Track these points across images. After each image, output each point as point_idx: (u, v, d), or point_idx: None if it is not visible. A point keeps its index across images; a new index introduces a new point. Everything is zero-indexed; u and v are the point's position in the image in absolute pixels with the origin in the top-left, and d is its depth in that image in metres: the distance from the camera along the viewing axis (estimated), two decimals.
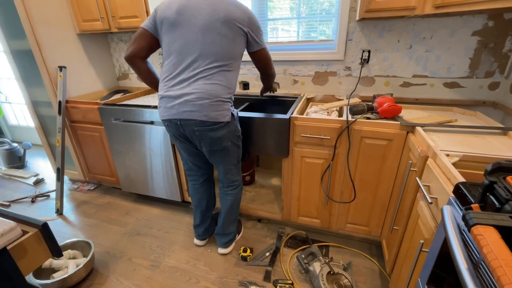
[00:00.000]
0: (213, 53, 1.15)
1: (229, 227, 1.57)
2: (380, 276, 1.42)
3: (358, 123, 1.31)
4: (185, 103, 1.15)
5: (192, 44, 1.14)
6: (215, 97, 1.16)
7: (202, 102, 1.15)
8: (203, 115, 1.16)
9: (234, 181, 1.48)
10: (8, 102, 3.41)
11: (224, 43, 1.15)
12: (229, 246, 1.60)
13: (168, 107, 1.19)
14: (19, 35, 1.87)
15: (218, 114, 1.18)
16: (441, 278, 0.74)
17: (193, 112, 1.16)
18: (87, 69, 2.22)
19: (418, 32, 1.55)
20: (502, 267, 0.40)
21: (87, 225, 1.89)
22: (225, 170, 1.42)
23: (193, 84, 1.15)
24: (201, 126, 1.19)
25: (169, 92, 1.18)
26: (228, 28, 1.14)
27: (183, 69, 1.17)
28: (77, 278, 1.39)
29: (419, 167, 1.02)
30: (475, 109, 1.54)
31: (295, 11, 1.84)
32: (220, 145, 1.28)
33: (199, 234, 1.64)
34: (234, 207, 1.53)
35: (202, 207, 1.58)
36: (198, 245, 1.67)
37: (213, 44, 1.14)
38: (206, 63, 1.15)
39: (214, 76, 1.16)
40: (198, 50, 1.14)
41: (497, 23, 1.42)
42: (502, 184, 0.55)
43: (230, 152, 1.35)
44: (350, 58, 1.75)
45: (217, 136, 1.23)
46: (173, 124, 1.23)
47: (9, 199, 2.21)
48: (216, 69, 1.16)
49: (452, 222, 0.61)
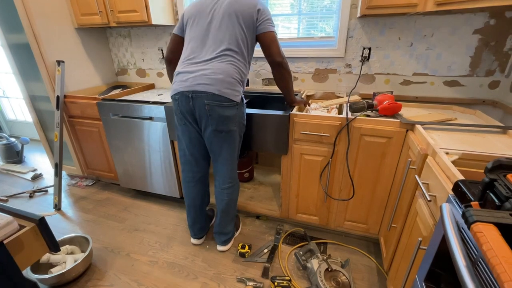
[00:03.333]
0: (231, 38, 1.24)
1: (227, 226, 1.56)
2: (377, 273, 1.43)
3: (358, 121, 1.31)
4: (200, 76, 1.22)
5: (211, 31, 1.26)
6: (229, 75, 1.22)
7: (217, 77, 1.20)
8: (216, 88, 1.20)
9: (231, 178, 1.45)
10: (6, 97, 3.39)
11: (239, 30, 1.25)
12: (228, 244, 1.60)
13: (183, 80, 1.25)
14: (17, 29, 1.85)
15: (230, 92, 1.23)
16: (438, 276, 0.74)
17: (207, 85, 1.20)
18: (86, 63, 2.20)
19: (419, 29, 1.55)
20: (502, 264, 0.40)
21: (85, 221, 1.89)
22: (223, 161, 1.39)
23: (209, 63, 1.24)
24: (212, 100, 1.22)
25: (187, 68, 1.26)
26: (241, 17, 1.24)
27: (201, 51, 1.27)
28: (75, 273, 1.39)
29: (418, 165, 1.02)
30: (475, 108, 1.54)
31: (295, 8, 1.82)
32: (226, 126, 1.28)
33: (195, 233, 1.62)
34: (231, 207, 1.52)
35: (196, 206, 1.55)
36: (196, 244, 1.65)
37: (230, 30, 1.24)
38: (228, 46, 1.24)
39: (230, 58, 1.24)
40: (217, 33, 1.25)
41: (498, 22, 1.41)
42: (502, 182, 0.55)
43: (233, 140, 1.34)
44: (350, 56, 1.74)
45: (225, 115, 1.25)
46: (184, 97, 1.25)
47: (7, 194, 2.20)
48: (234, 52, 1.25)
49: (451, 220, 0.61)
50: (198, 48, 1.27)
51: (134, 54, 2.33)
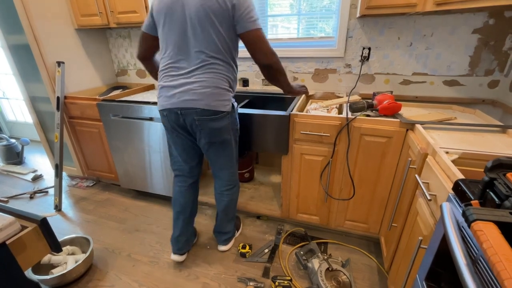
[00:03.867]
0: (209, 44, 1.12)
1: (227, 226, 1.56)
2: (378, 272, 1.43)
3: (358, 121, 1.31)
4: (186, 92, 1.15)
5: (188, 36, 1.14)
6: (217, 87, 1.16)
7: (204, 91, 1.14)
8: (204, 103, 1.15)
9: (231, 180, 1.44)
10: (6, 98, 3.39)
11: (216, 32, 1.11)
12: (228, 243, 1.60)
13: (169, 96, 1.18)
14: (17, 30, 1.86)
15: (219, 103, 1.17)
16: (439, 275, 0.74)
17: (195, 100, 1.15)
18: (86, 64, 2.20)
19: (418, 29, 1.55)
20: (502, 262, 0.41)
21: (86, 221, 1.89)
22: (221, 165, 1.38)
23: (194, 73, 1.15)
24: (201, 115, 1.17)
25: (171, 82, 1.18)
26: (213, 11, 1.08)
27: (181, 61, 1.17)
28: (76, 274, 1.39)
29: (418, 164, 1.02)
30: (475, 107, 1.54)
31: (295, 8, 1.83)
32: (220, 137, 1.25)
33: (179, 248, 1.47)
34: (231, 208, 1.51)
35: (186, 214, 1.45)
36: (178, 261, 1.50)
37: (207, 35, 1.11)
38: (205, 55, 1.13)
39: (214, 66, 1.15)
40: (194, 41, 1.13)
41: (497, 21, 1.41)
42: (502, 181, 0.55)
43: (229, 146, 1.32)
44: (350, 56, 1.75)
45: (218, 127, 1.21)
46: (173, 113, 1.20)
47: (7, 195, 2.20)
48: (216, 59, 1.15)
49: (451, 219, 0.62)
50: (177, 56, 1.17)
51: (134, 55, 2.34)
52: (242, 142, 1.56)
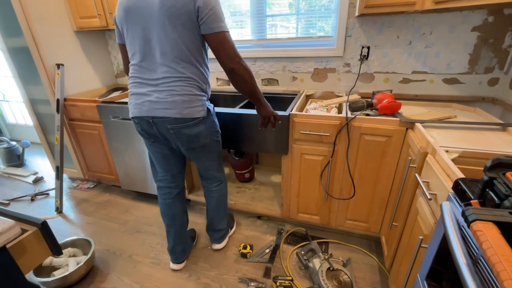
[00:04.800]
0: (175, 46, 1.07)
1: (219, 223, 1.56)
2: (379, 271, 1.43)
3: (358, 120, 1.31)
4: (157, 101, 1.11)
5: (151, 39, 1.08)
6: (187, 94, 1.11)
7: (173, 99, 1.10)
8: (176, 112, 1.10)
9: (217, 177, 1.45)
10: (6, 100, 3.39)
11: (179, 34, 1.05)
12: (222, 241, 1.60)
13: (139, 104, 1.14)
14: (16, 33, 1.86)
15: (191, 110, 1.12)
16: (440, 274, 0.74)
17: (166, 109, 1.10)
18: (85, 66, 2.20)
19: (417, 28, 1.55)
20: (501, 262, 0.41)
21: (87, 223, 1.89)
22: (206, 167, 1.38)
23: (162, 81, 1.10)
24: (175, 124, 1.13)
25: (139, 89, 1.14)
26: (177, 14, 1.02)
27: (149, 67, 1.12)
28: (78, 276, 1.40)
29: (418, 163, 1.02)
30: (475, 105, 1.54)
31: (294, 7, 1.83)
32: (198, 142, 1.22)
33: (177, 257, 1.47)
34: (221, 204, 1.52)
35: (176, 225, 1.43)
36: (176, 269, 1.49)
37: (170, 39, 1.06)
38: (171, 60, 1.08)
39: (181, 72, 1.10)
40: (159, 45, 1.08)
41: (496, 19, 1.41)
42: (502, 180, 0.55)
43: (210, 149, 1.31)
44: (349, 55, 1.74)
45: (194, 133, 1.18)
46: (145, 122, 1.16)
47: (9, 198, 2.21)
48: (184, 64, 1.09)
49: (452, 218, 0.62)
50: (143, 63, 1.12)
51: None
52: (243, 142, 1.56)
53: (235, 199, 1.91)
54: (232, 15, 1.98)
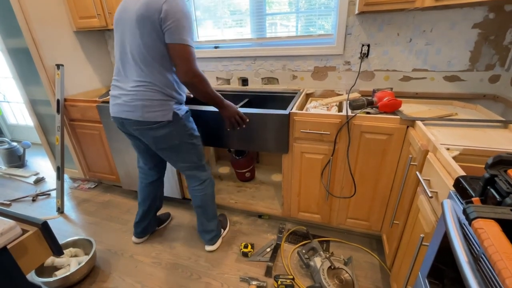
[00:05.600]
0: (143, 53, 1.12)
1: (208, 224, 1.55)
2: (380, 270, 1.43)
3: (358, 118, 1.31)
4: (123, 103, 1.20)
5: (123, 45, 1.18)
6: (149, 99, 1.17)
7: (135, 104, 1.17)
8: (138, 115, 1.19)
9: (199, 177, 1.46)
10: (6, 101, 3.40)
11: (144, 42, 1.11)
12: (215, 243, 1.60)
13: (113, 105, 1.26)
14: (16, 34, 1.86)
15: (154, 114, 1.18)
16: (441, 272, 0.74)
17: (130, 112, 1.20)
18: (85, 66, 2.20)
19: (418, 25, 1.54)
20: (503, 260, 0.40)
21: (88, 223, 1.90)
22: (182, 168, 1.42)
23: (130, 85, 1.18)
24: (138, 126, 1.22)
25: (114, 91, 1.25)
26: (144, 22, 1.08)
27: (121, 72, 1.22)
28: (79, 276, 1.40)
29: (419, 161, 1.02)
30: (476, 103, 1.53)
31: (293, 6, 1.82)
32: (165, 143, 1.27)
33: (137, 232, 1.65)
34: (207, 204, 1.51)
35: (145, 206, 1.59)
36: (136, 242, 1.68)
37: (139, 43, 1.12)
38: (140, 64, 1.15)
39: (146, 79, 1.16)
40: (130, 51, 1.15)
41: (497, 15, 1.40)
42: (503, 177, 0.55)
43: (183, 151, 1.33)
44: (349, 53, 1.74)
45: (159, 135, 1.24)
46: (118, 121, 1.29)
47: (10, 198, 2.21)
48: (149, 70, 1.15)
49: (453, 216, 0.61)
50: (120, 67, 1.22)
51: None
52: (243, 141, 1.56)
53: (236, 198, 1.91)
54: (232, 14, 1.98)
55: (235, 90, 2.02)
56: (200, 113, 1.56)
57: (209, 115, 1.54)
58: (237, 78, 2.10)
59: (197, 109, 1.56)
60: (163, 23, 1.06)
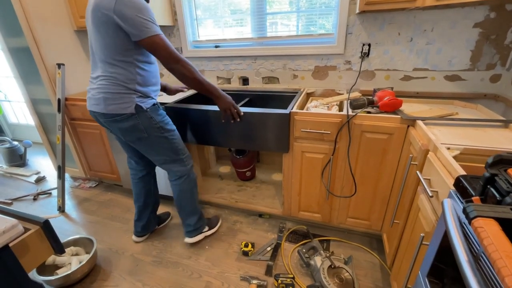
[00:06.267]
0: (102, 48, 1.16)
1: (187, 218, 1.57)
2: (380, 269, 1.43)
3: (359, 118, 1.31)
4: (92, 96, 1.25)
5: (91, 43, 1.22)
6: (108, 92, 1.20)
7: (99, 96, 1.22)
8: (101, 107, 1.23)
9: (175, 172, 1.46)
10: (7, 100, 3.41)
11: (103, 38, 1.13)
12: (193, 237, 1.61)
13: (87, 98, 1.30)
14: (16, 33, 1.86)
15: (117, 107, 1.21)
16: (441, 271, 0.74)
17: (95, 105, 1.24)
18: (86, 66, 2.20)
19: (418, 24, 1.54)
20: (502, 259, 0.40)
21: (89, 222, 1.90)
22: (157, 161, 1.44)
23: (97, 79, 1.23)
24: (104, 118, 1.26)
25: (88, 86, 1.30)
26: (99, 22, 1.10)
27: (92, 64, 1.27)
28: (80, 274, 1.41)
29: (419, 160, 1.02)
30: (476, 102, 1.53)
31: (294, 5, 1.82)
32: (133, 136, 1.30)
33: (137, 230, 1.66)
34: (184, 198, 1.52)
35: (140, 202, 1.60)
36: (136, 241, 1.68)
37: (97, 41, 1.16)
38: (102, 61, 1.19)
39: (110, 71, 1.18)
40: (93, 46, 1.20)
41: (499, 15, 1.40)
42: (503, 177, 0.55)
43: (154, 144, 1.34)
44: (350, 52, 1.74)
45: (124, 127, 1.26)
46: (91, 114, 1.32)
47: (11, 197, 2.22)
48: (110, 65, 1.18)
49: (453, 215, 0.61)
50: (91, 62, 1.26)
51: None
52: (243, 141, 1.56)
53: (236, 197, 1.92)
54: (233, 13, 1.98)
55: (235, 90, 2.02)
56: (200, 112, 1.56)
57: (209, 114, 1.55)
58: (237, 78, 2.10)
59: (197, 108, 1.56)
60: (121, 23, 1.07)
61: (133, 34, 1.10)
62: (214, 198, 1.93)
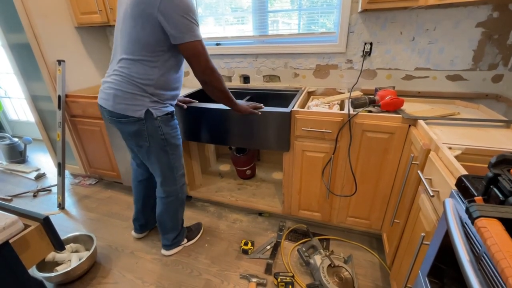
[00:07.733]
0: (130, 42, 1.07)
1: (166, 233, 1.50)
2: (380, 268, 1.43)
3: (360, 117, 1.30)
4: (103, 89, 1.18)
5: (117, 34, 1.14)
6: (123, 89, 1.11)
7: (109, 92, 1.14)
8: (109, 104, 1.15)
9: (163, 190, 1.38)
10: (7, 97, 3.40)
11: (136, 32, 1.04)
12: (169, 250, 1.55)
13: (99, 90, 1.22)
14: (17, 29, 1.85)
15: (126, 107, 1.12)
16: (442, 271, 0.74)
17: (104, 100, 1.17)
18: (86, 62, 2.20)
19: (421, 23, 1.53)
20: (506, 259, 0.40)
21: (89, 219, 1.90)
22: (154, 171, 1.35)
23: (112, 74, 1.16)
24: (110, 116, 1.19)
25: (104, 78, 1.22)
26: (138, 15, 1.01)
27: (112, 59, 1.19)
28: (80, 271, 1.41)
29: (421, 160, 1.01)
30: (478, 102, 1.52)
31: (295, 3, 1.81)
32: (134, 141, 1.22)
33: (136, 228, 1.66)
34: (167, 216, 1.44)
35: (139, 204, 1.58)
36: (136, 237, 1.69)
37: (127, 34, 1.07)
38: (124, 55, 1.10)
39: (128, 67, 1.10)
40: (119, 40, 1.12)
41: (502, 14, 1.39)
42: (506, 177, 0.55)
43: (152, 154, 1.25)
44: (351, 51, 1.73)
45: (127, 131, 1.19)
46: (99, 108, 1.24)
47: (11, 194, 2.22)
48: (131, 61, 1.09)
49: (454, 215, 0.61)
50: (112, 54, 1.19)
51: None
52: (243, 140, 1.56)
53: (237, 195, 1.92)
54: (233, 11, 1.97)
55: (236, 88, 2.02)
56: (201, 111, 1.56)
57: (211, 112, 1.54)
58: (238, 76, 2.09)
59: (198, 106, 1.56)
60: (164, 22, 0.99)
61: (174, 36, 1.01)
62: (214, 196, 1.93)
